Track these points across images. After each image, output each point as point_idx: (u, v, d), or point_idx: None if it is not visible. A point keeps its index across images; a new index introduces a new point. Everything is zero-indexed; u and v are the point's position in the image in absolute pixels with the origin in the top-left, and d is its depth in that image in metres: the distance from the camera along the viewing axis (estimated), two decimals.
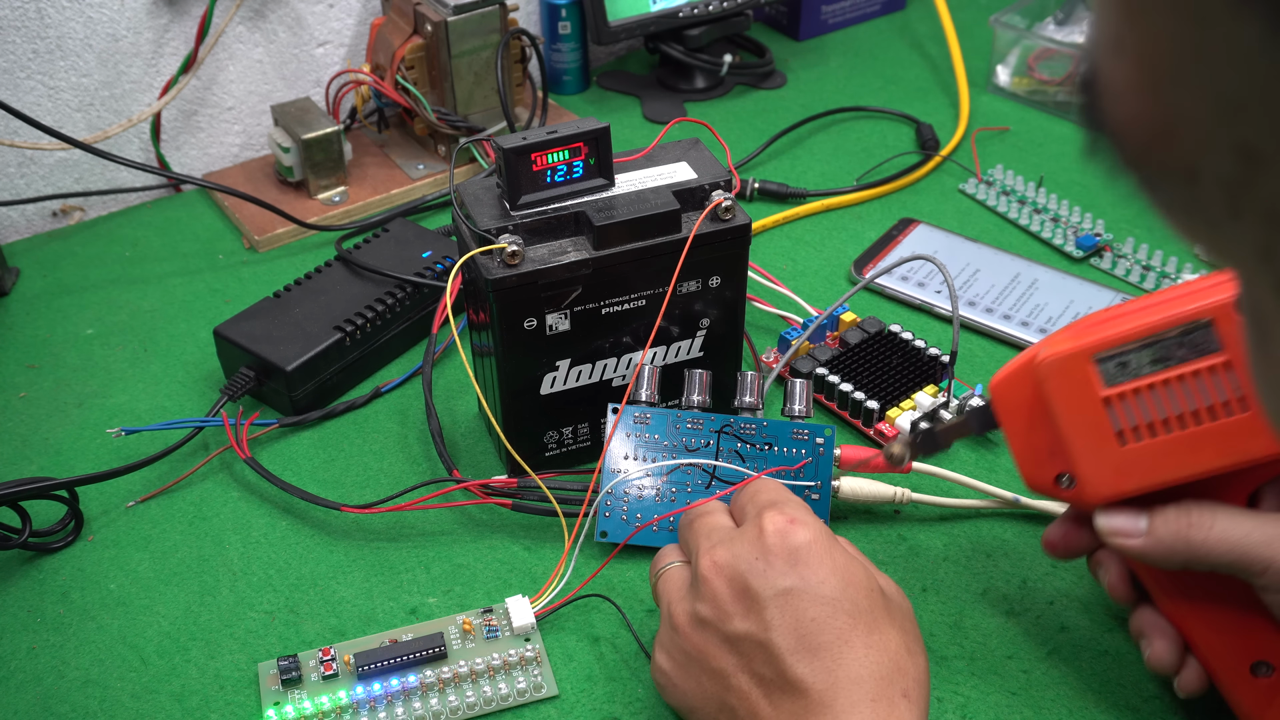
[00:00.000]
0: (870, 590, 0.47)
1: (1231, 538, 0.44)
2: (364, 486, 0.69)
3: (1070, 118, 1.03)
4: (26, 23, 0.87)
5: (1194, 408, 0.44)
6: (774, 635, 0.46)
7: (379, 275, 0.78)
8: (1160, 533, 0.45)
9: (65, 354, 0.80)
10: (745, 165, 0.98)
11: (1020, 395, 0.48)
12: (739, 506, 0.53)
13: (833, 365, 0.73)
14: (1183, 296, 0.44)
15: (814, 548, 0.47)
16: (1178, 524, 0.45)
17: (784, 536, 0.47)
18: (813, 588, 0.46)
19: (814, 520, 0.49)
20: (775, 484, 0.53)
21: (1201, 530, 0.44)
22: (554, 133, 0.60)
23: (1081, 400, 0.46)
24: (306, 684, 0.57)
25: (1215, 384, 0.43)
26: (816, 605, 0.46)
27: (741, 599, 0.47)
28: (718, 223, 0.62)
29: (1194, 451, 0.45)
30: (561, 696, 0.57)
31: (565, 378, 0.65)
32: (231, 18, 0.94)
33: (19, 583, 0.64)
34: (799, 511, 0.49)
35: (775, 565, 0.47)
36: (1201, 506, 0.45)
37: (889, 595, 0.49)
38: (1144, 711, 0.55)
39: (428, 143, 0.99)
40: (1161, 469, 0.45)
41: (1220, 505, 0.46)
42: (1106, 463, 0.46)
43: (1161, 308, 0.45)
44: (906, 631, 0.47)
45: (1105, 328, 0.46)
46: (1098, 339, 0.45)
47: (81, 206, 0.95)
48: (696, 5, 1.05)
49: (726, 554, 0.48)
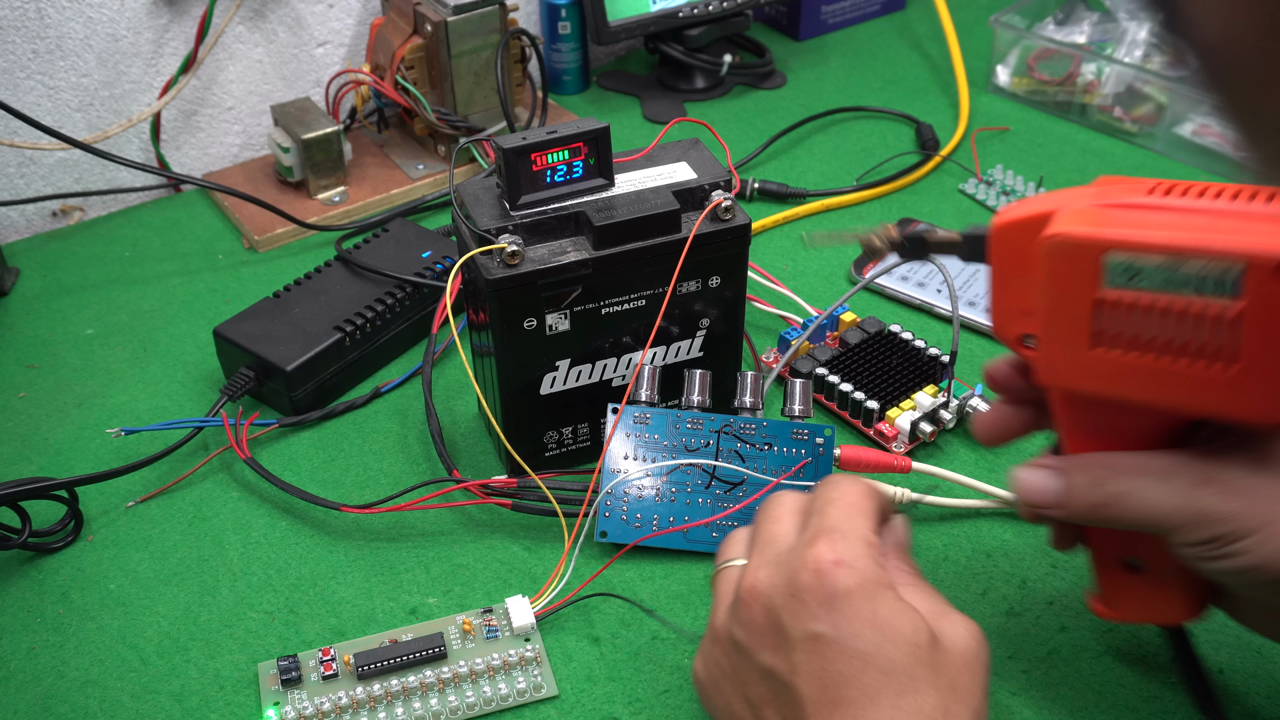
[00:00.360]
0: (914, 646, 0.43)
1: (1144, 512, 0.45)
2: (364, 486, 0.69)
3: (1070, 118, 1.03)
4: (26, 23, 0.87)
5: (1183, 342, 0.41)
6: (798, 681, 0.43)
7: (379, 275, 0.78)
8: (1076, 507, 0.47)
9: (65, 354, 0.80)
10: (745, 165, 0.98)
11: (1018, 247, 0.45)
12: (811, 509, 0.48)
13: (833, 365, 0.73)
14: (1229, 224, 0.40)
15: (854, 596, 0.43)
16: (1091, 499, 0.46)
17: (823, 578, 0.44)
18: (845, 639, 0.43)
19: (864, 562, 0.44)
20: (852, 498, 0.48)
21: (1114, 508, 0.46)
22: (554, 133, 0.60)
23: (1075, 290, 0.43)
24: (306, 684, 0.57)
25: (1217, 330, 0.40)
26: (845, 658, 0.43)
27: (773, 633, 0.45)
28: (718, 223, 0.62)
29: (1161, 383, 0.42)
30: (561, 696, 0.57)
31: (565, 378, 0.65)
32: (231, 18, 0.94)
33: (19, 583, 0.64)
34: (852, 549, 0.45)
35: (808, 606, 0.44)
36: (1114, 475, 0.45)
37: (945, 648, 0.44)
38: (1144, 712, 0.55)
39: (427, 143, 0.99)
40: (1120, 385, 0.43)
41: (1135, 468, 0.45)
42: (1071, 357, 0.44)
43: (1201, 229, 0.40)
44: (955, 691, 0.43)
45: (1132, 222, 0.41)
46: (1118, 236, 0.41)
47: (81, 206, 0.95)
48: (696, 5, 1.05)
49: (767, 580, 0.46)
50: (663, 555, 0.64)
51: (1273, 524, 0.43)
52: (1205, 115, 0.97)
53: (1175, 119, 0.98)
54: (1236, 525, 0.43)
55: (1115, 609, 0.51)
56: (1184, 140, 0.97)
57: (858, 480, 0.49)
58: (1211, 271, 0.40)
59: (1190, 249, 0.40)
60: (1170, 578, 0.49)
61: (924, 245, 0.51)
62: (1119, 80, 1.01)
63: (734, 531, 0.52)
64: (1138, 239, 0.41)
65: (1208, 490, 0.43)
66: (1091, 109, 1.02)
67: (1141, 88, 1.01)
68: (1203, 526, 0.44)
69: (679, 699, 0.57)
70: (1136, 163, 0.98)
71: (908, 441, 0.69)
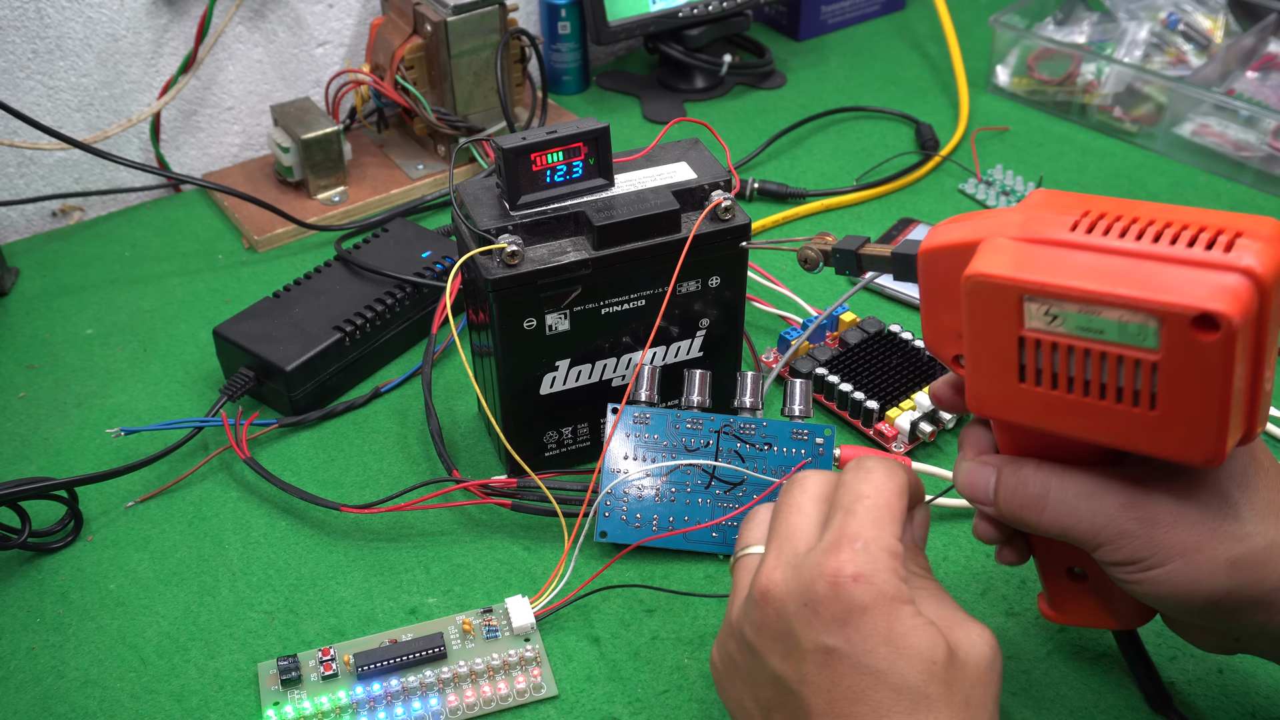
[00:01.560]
0: (929, 663, 0.42)
1: (1064, 522, 0.45)
2: (363, 486, 0.69)
3: (1070, 117, 1.03)
4: (26, 23, 0.87)
5: (1103, 383, 0.41)
6: (807, 691, 0.43)
7: (379, 275, 0.78)
8: (1002, 509, 0.48)
9: (65, 354, 0.80)
10: (745, 165, 0.98)
11: (946, 273, 0.45)
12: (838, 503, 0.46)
13: (832, 365, 0.73)
14: (1149, 270, 0.40)
15: (870, 612, 0.42)
16: (1015, 501, 0.47)
17: (840, 591, 0.42)
18: (857, 654, 0.42)
19: (884, 576, 0.43)
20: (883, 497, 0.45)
21: (1036, 512, 0.46)
22: (554, 133, 0.60)
23: (998, 327, 0.42)
24: (306, 684, 0.57)
25: (1135, 374, 0.40)
26: (857, 674, 0.42)
27: (784, 639, 0.44)
28: (717, 223, 0.62)
29: (1084, 419, 0.42)
30: (561, 696, 0.57)
31: (565, 378, 0.65)
32: (231, 18, 0.94)
33: (18, 583, 0.64)
34: (873, 563, 0.43)
35: (822, 617, 0.42)
36: (1040, 482, 0.46)
37: (960, 662, 0.43)
38: (1143, 712, 0.55)
39: (427, 143, 0.99)
40: (1046, 418, 0.43)
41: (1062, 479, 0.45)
42: (998, 389, 0.44)
43: (1120, 276, 0.40)
44: (969, 707, 0.42)
45: (1052, 264, 0.41)
46: (1038, 280, 0.41)
47: (81, 206, 0.95)
48: (696, 5, 1.05)
49: (782, 584, 0.44)
50: (663, 555, 0.64)
51: (1190, 554, 0.43)
52: (1205, 115, 0.97)
53: (1175, 119, 0.98)
54: (1155, 552, 0.44)
55: (1062, 613, 0.52)
56: (1184, 140, 0.97)
57: (892, 471, 0.47)
58: (1129, 320, 0.40)
59: (1106, 298, 0.40)
60: (1110, 588, 0.49)
61: (855, 261, 0.51)
62: (1119, 80, 1.01)
63: (756, 509, 0.50)
64: (1054, 285, 0.40)
65: (1131, 514, 0.44)
66: (1091, 109, 1.02)
67: (1141, 88, 1.01)
68: (1123, 548, 0.44)
69: (679, 699, 0.57)
70: (1136, 163, 0.98)
71: (907, 441, 0.69)
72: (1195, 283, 0.38)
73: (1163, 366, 0.39)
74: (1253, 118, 0.94)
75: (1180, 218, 0.41)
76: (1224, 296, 0.38)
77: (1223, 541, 0.43)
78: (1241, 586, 0.43)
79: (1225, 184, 0.95)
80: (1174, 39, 1.06)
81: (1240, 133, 0.95)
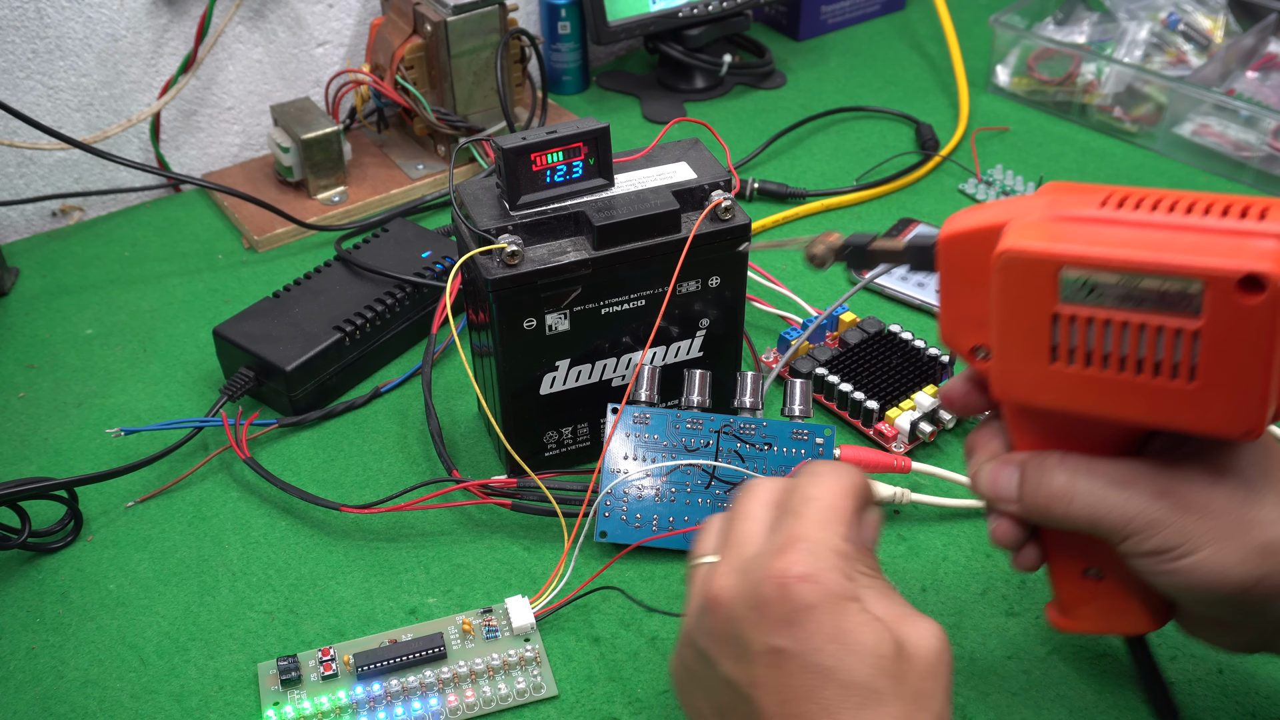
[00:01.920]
0: (878, 658, 0.42)
1: (1092, 513, 0.45)
2: (363, 486, 0.69)
3: (1070, 117, 1.03)
4: (26, 23, 0.87)
5: (1141, 357, 0.41)
6: (758, 694, 0.43)
7: (378, 275, 0.78)
8: (1027, 502, 0.47)
9: (65, 354, 0.80)
10: (745, 165, 0.98)
11: (968, 258, 0.44)
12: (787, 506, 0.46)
13: (832, 365, 0.73)
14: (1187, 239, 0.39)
15: (817, 611, 0.42)
16: (1041, 494, 0.46)
17: (786, 591, 0.42)
18: (806, 653, 0.42)
19: (830, 575, 0.43)
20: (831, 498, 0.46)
21: (1063, 504, 0.45)
22: (553, 133, 0.60)
23: (1030, 305, 0.42)
24: (306, 684, 0.57)
25: (1175, 346, 0.40)
26: (806, 673, 0.42)
27: (734, 643, 0.44)
28: (717, 223, 0.62)
29: (1120, 397, 0.41)
30: (561, 696, 0.57)
31: (565, 378, 0.65)
32: (231, 18, 0.94)
33: (18, 583, 0.64)
34: (819, 562, 0.43)
35: (770, 619, 0.42)
36: (1065, 472, 0.45)
37: (909, 655, 0.43)
38: (1143, 712, 0.55)
39: (427, 143, 0.99)
40: (1078, 399, 0.43)
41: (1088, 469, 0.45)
42: (1027, 372, 0.43)
43: (1159, 245, 0.39)
44: (919, 699, 0.42)
45: (1088, 237, 0.40)
46: (1075, 252, 0.40)
47: (81, 206, 0.95)
48: (696, 5, 1.05)
49: (731, 589, 0.44)
50: (663, 555, 0.64)
51: (1222, 541, 0.43)
52: (1205, 115, 0.97)
53: (1175, 119, 0.98)
54: (1187, 540, 0.43)
55: (1075, 620, 0.51)
56: (1184, 140, 0.97)
57: (840, 474, 0.47)
58: (1170, 288, 0.39)
59: (1148, 266, 0.39)
60: (1130, 587, 0.48)
61: (866, 256, 0.49)
62: (1119, 80, 1.01)
63: (710, 520, 0.49)
64: (1094, 255, 0.40)
65: (1163, 502, 0.43)
66: (1091, 109, 1.02)
67: (1141, 88, 1.01)
68: (1154, 537, 0.44)
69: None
70: (1136, 163, 0.98)
71: (907, 441, 0.69)
72: (1236, 248, 0.38)
73: (1205, 334, 0.39)
74: (1253, 118, 0.94)
75: (1204, 197, 0.40)
76: (1269, 258, 0.37)
77: (1253, 528, 0.43)
78: (1272, 573, 0.43)
79: (1225, 184, 0.95)
80: (1174, 39, 1.06)
81: (1240, 133, 0.95)
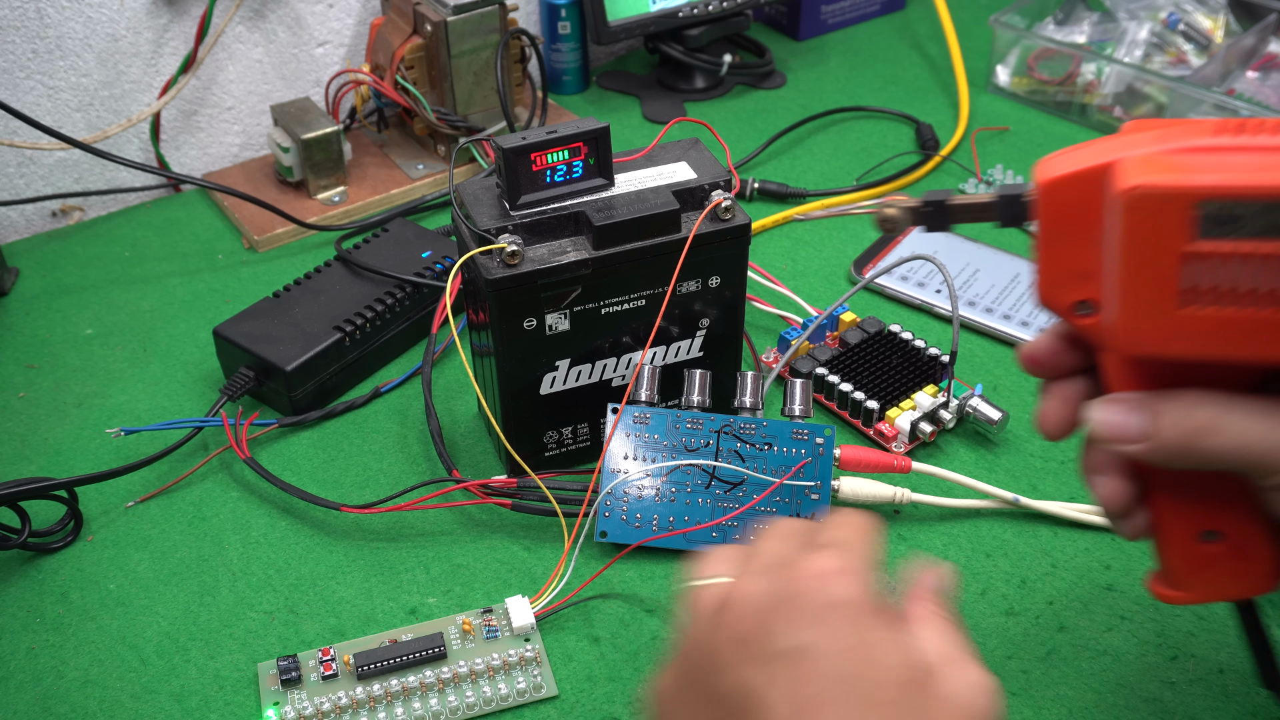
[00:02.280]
0: (901, 683, 0.39)
1: (1244, 443, 0.41)
2: (363, 486, 0.69)
3: (1070, 117, 1.03)
4: (26, 23, 0.87)
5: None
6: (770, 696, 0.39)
7: (379, 275, 0.78)
8: (1166, 437, 0.42)
9: (64, 354, 0.80)
10: (745, 165, 0.98)
11: (1076, 203, 0.41)
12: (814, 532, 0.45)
13: (833, 365, 0.73)
14: None
15: (848, 610, 0.40)
16: (1185, 428, 0.42)
17: (824, 582, 0.40)
18: (828, 656, 0.39)
19: (867, 577, 0.41)
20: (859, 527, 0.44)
21: (1211, 436, 0.41)
22: (554, 133, 0.60)
23: (1160, 245, 0.38)
24: (306, 684, 0.57)
25: None
26: (824, 680, 0.39)
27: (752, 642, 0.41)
28: (717, 223, 0.62)
29: (1256, 336, 0.39)
30: (561, 696, 0.57)
31: (565, 378, 0.65)
32: (231, 18, 0.94)
33: (18, 583, 0.64)
34: (859, 562, 0.41)
35: (803, 611, 0.40)
36: (1209, 404, 0.41)
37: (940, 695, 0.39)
38: (1143, 712, 0.55)
39: (427, 143, 0.99)
40: (1214, 343, 0.39)
41: (1230, 401, 0.41)
42: (1155, 319, 0.39)
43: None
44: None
45: (1220, 166, 0.37)
46: (1209, 183, 0.37)
47: (81, 206, 0.95)
48: (696, 5, 1.05)
49: (760, 584, 0.42)
50: (663, 555, 0.64)
51: None
52: (1205, 115, 0.97)
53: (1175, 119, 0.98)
54: None
55: (1186, 589, 0.47)
56: None
57: (868, 519, 0.45)
58: None
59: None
60: (1251, 543, 0.45)
61: (949, 212, 0.45)
62: (1119, 80, 1.01)
63: (715, 548, 0.46)
64: (1231, 182, 0.37)
65: None
66: (1091, 109, 1.02)
67: (1141, 88, 1.01)
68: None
69: None
70: None
71: (908, 441, 0.69)
72: None
73: None
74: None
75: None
76: None
77: None
78: None
79: None
80: (1174, 39, 1.06)
81: None
